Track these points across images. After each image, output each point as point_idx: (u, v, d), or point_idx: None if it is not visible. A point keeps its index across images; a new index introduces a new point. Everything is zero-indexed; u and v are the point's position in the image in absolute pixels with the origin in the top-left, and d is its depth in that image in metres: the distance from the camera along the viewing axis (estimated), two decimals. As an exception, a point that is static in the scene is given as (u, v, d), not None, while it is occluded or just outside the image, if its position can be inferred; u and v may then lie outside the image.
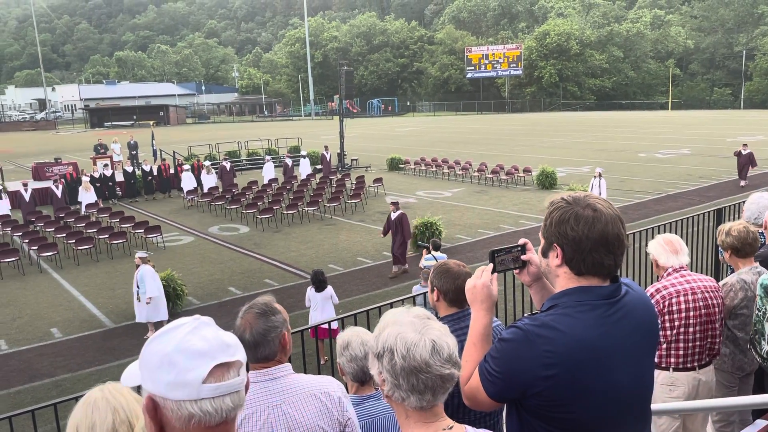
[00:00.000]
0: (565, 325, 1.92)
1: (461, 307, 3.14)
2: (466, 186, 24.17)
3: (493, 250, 2.20)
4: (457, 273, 3.09)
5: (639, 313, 2.03)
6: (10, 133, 68.62)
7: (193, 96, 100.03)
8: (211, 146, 33.71)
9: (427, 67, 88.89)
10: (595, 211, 1.94)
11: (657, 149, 32.38)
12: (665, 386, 3.85)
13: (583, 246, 1.94)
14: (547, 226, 2.02)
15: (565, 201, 2.01)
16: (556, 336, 1.90)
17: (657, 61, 79.39)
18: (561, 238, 1.97)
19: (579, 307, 1.95)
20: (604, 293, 1.97)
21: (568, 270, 1.99)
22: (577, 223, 1.94)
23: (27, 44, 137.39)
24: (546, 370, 1.87)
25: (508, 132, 47.90)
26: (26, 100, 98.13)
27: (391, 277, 13.28)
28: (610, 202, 2.02)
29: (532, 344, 1.90)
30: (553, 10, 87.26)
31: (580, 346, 1.90)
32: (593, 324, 1.93)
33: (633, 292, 2.06)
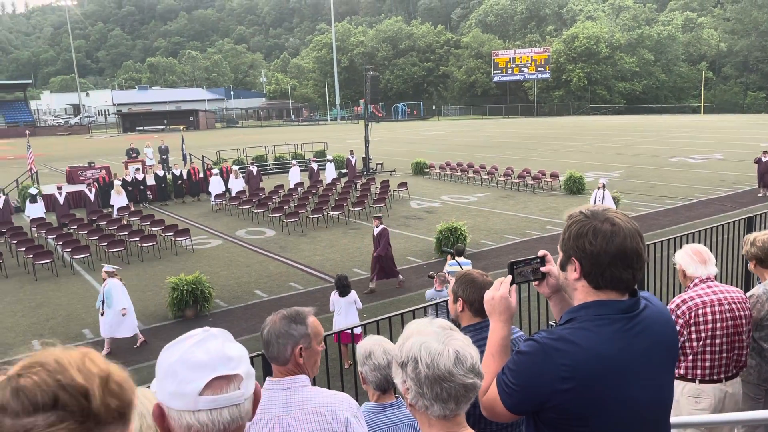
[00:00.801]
0: (582, 338, 1.92)
1: (484, 317, 3.16)
2: (492, 191, 24.05)
3: (512, 262, 2.21)
4: (483, 283, 3.11)
5: (658, 327, 2.02)
6: (45, 137, 70.30)
7: (222, 101, 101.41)
8: (239, 150, 34.12)
9: (453, 71, 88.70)
10: (614, 225, 1.94)
11: (689, 154, 31.82)
12: (691, 398, 3.80)
13: (601, 260, 1.94)
14: (565, 240, 2.02)
15: (583, 214, 2.01)
16: (574, 350, 1.90)
17: (689, 64, 78.06)
18: (579, 252, 1.98)
19: (597, 321, 1.95)
20: (622, 307, 1.97)
21: (586, 284, 2.00)
22: (595, 237, 1.94)
23: (62, 50, 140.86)
24: (563, 383, 1.88)
25: (535, 136, 47.53)
26: (61, 105, 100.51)
27: (365, 293, 12.33)
28: (628, 216, 2.02)
29: (549, 358, 1.90)
30: (582, 13, 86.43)
31: (597, 360, 1.89)
32: (611, 338, 1.93)
33: (652, 306, 2.06)
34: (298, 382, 2.31)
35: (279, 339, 2.32)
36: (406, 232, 17.84)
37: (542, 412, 1.94)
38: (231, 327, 9.59)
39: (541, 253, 2.26)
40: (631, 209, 18.84)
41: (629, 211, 18.43)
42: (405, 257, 15.14)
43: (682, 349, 3.80)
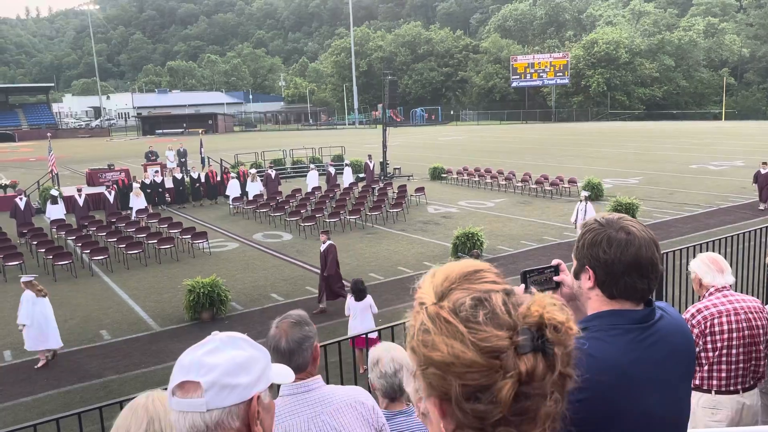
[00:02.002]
0: (595, 349, 1.86)
1: None
2: (510, 196, 23.95)
3: (525, 271, 2.20)
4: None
5: (674, 338, 1.98)
6: (66, 139, 71.31)
7: (241, 105, 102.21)
8: (257, 154, 34.34)
9: (472, 75, 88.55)
10: (629, 234, 1.92)
11: (709, 161, 31.44)
12: (707, 409, 3.74)
13: (616, 269, 1.91)
14: (580, 248, 2.00)
15: (598, 223, 1.99)
16: (586, 360, 1.88)
17: (710, 69, 77.18)
18: (593, 261, 1.95)
19: (611, 331, 1.92)
20: (637, 317, 1.94)
21: (600, 293, 1.97)
22: (609, 245, 1.91)
23: (84, 54, 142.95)
24: (576, 394, 1.85)
25: (553, 142, 47.26)
26: (82, 107, 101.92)
27: (315, 313, 11.72)
28: (643, 225, 2.00)
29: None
30: (602, 19, 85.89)
31: (611, 371, 1.85)
32: (625, 349, 1.89)
33: (668, 317, 2.02)
34: (318, 382, 2.37)
35: (302, 345, 2.34)
36: (423, 237, 17.82)
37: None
38: (246, 330, 9.65)
39: (555, 262, 2.23)
40: (650, 216, 18.66)
41: (648, 218, 18.27)
42: (421, 262, 15.13)
43: (697, 359, 3.75)
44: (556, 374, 1.01)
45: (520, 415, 0.97)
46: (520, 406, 0.97)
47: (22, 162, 45.29)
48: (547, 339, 1.00)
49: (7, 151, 57.14)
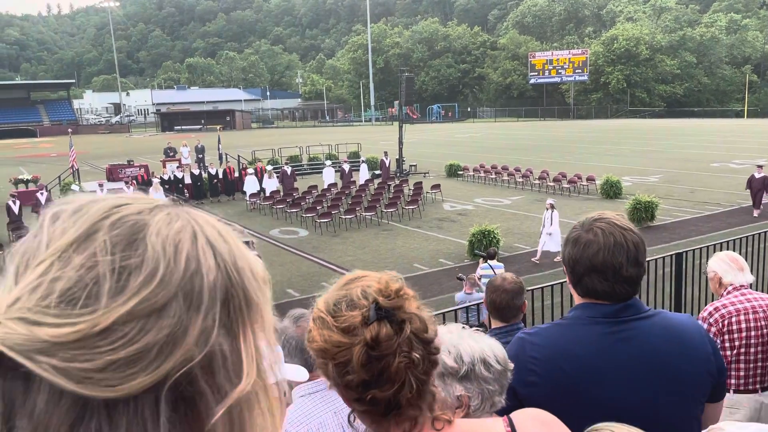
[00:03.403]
0: (558, 336, 2.00)
1: (505, 320, 3.27)
2: (527, 194, 23.80)
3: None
4: (503, 287, 3.24)
5: (655, 340, 1.96)
6: (87, 135, 72.18)
7: (259, 101, 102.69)
8: (274, 151, 34.49)
9: (489, 72, 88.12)
10: (595, 236, 1.95)
11: (731, 159, 31.00)
12: (725, 408, 3.69)
13: (576, 269, 1.98)
14: (563, 249, 2.09)
15: (579, 222, 2.05)
16: (545, 344, 1.98)
17: (732, 66, 76.05)
18: (564, 259, 2.05)
19: (578, 321, 2.00)
20: (607, 311, 1.97)
21: (573, 290, 2.06)
22: (574, 246, 1.99)
23: (104, 51, 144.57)
24: (528, 375, 1.93)
25: (571, 139, 46.89)
26: (102, 104, 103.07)
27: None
28: (624, 226, 1.98)
29: (522, 349, 1.99)
30: (622, 15, 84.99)
31: (568, 359, 1.93)
32: (588, 339, 1.95)
33: (656, 320, 2.00)
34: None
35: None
36: (439, 235, 17.79)
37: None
38: (262, 325, 9.68)
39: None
40: (670, 215, 18.44)
41: (668, 217, 18.06)
42: (437, 259, 15.10)
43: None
44: (405, 335, 1.17)
45: (377, 377, 1.16)
46: (374, 368, 1.15)
47: (43, 157, 45.93)
48: (381, 307, 1.18)
49: (29, 147, 57.99)
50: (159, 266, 0.58)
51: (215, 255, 0.63)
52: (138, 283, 0.57)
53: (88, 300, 0.55)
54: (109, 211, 0.62)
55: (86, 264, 0.57)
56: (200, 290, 0.60)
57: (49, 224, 0.62)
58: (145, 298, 0.56)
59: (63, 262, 0.57)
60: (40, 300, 0.55)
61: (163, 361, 0.56)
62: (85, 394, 0.53)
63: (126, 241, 0.59)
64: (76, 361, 0.53)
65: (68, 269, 0.57)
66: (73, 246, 0.58)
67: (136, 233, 0.60)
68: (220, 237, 0.66)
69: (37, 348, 0.53)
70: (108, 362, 0.54)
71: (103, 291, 0.56)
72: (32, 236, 0.62)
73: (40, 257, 0.58)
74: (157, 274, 0.58)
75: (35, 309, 0.55)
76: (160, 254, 0.59)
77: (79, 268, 0.57)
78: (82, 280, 0.56)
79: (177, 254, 0.60)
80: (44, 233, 0.61)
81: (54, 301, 0.55)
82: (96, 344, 0.54)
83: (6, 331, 0.54)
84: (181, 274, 0.59)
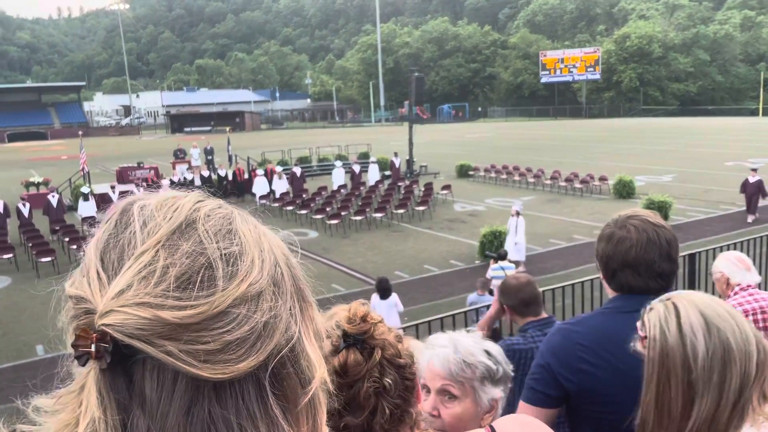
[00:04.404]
0: (600, 323, 2.04)
1: (536, 314, 3.33)
2: (538, 194, 23.54)
3: None
4: (516, 286, 3.34)
5: None
6: (97, 137, 72.58)
7: (268, 102, 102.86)
8: (284, 152, 34.41)
9: (500, 71, 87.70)
10: (628, 233, 2.01)
11: (746, 158, 30.53)
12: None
13: (610, 266, 2.04)
14: (597, 245, 2.14)
15: (613, 219, 2.11)
16: (590, 332, 2.01)
17: (747, 64, 75.15)
18: (597, 255, 2.11)
19: (618, 309, 2.04)
20: (643, 302, 1.98)
21: (607, 285, 2.12)
22: (607, 242, 2.05)
23: (114, 53, 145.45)
24: (580, 362, 1.96)
25: (584, 138, 46.50)
26: (113, 106, 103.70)
27: None
28: (657, 223, 2.05)
29: (567, 339, 2.01)
30: (634, 12, 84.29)
31: (611, 344, 1.95)
32: (630, 326, 1.96)
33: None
34: None
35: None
36: (450, 236, 17.59)
37: (572, 399, 1.98)
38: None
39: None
40: (684, 215, 18.14)
41: (682, 217, 17.76)
42: (448, 261, 14.90)
43: None
44: (375, 361, 1.19)
45: (348, 403, 1.17)
46: (347, 396, 1.17)
47: (54, 160, 46.15)
48: (349, 334, 1.20)
49: (40, 149, 58.35)
50: (255, 254, 0.62)
51: (277, 249, 0.69)
52: (246, 267, 0.60)
53: (204, 283, 0.57)
54: (196, 204, 0.65)
55: (196, 250, 0.59)
56: (282, 278, 0.65)
57: (138, 216, 0.63)
58: (252, 282, 0.60)
59: (170, 249, 0.59)
60: (155, 285, 0.56)
61: (267, 341, 0.59)
62: (204, 376, 0.55)
63: (224, 230, 0.62)
64: (199, 342, 0.55)
65: (178, 255, 0.58)
66: (176, 234, 0.60)
67: (228, 224, 0.64)
68: (274, 236, 0.72)
69: (158, 332, 0.54)
70: (226, 342, 0.56)
71: (218, 275, 0.58)
72: (115, 228, 0.63)
73: (140, 248, 0.59)
74: (256, 261, 0.62)
75: (154, 293, 0.56)
76: (252, 243, 0.63)
77: (189, 254, 0.59)
78: (195, 264, 0.58)
79: (261, 245, 0.65)
80: (135, 224, 0.62)
81: (172, 286, 0.56)
82: (214, 326, 0.56)
83: (125, 318, 0.54)
84: (269, 262, 0.64)
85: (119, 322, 0.54)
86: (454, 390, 1.71)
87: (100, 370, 0.56)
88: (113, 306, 0.56)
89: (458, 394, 1.71)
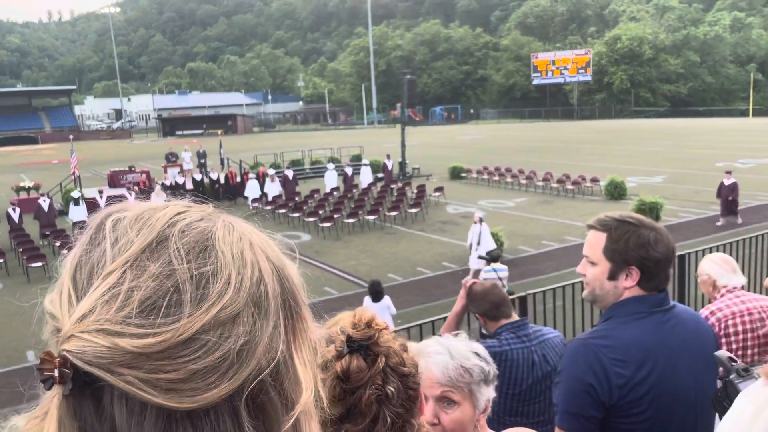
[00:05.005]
0: (625, 333, 2.01)
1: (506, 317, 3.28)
2: (530, 196, 23.61)
3: None
4: (482, 293, 3.33)
5: (692, 325, 2.12)
6: (89, 141, 72.21)
7: (260, 105, 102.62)
8: (276, 155, 34.35)
9: (492, 74, 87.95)
10: (659, 230, 2.08)
11: (736, 158, 30.73)
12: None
13: (661, 265, 2.05)
14: (622, 250, 2.04)
15: (629, 224, 2.07)
16: (619, 344, 1.99)
17: (737, 65, 75.69)
18: (643, 260, 2.03)
19: (636, 315, 2.04)
20: (656, 301, 2.06)
21: (637, 288, 2.06)
22: (656, 243, 2.03)
23: (105, 56, 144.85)
24: (618, 379, 1.94)
25: (575, 140, 46.67)
26: (104, 110, 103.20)
27: None
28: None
29: (601, 355, 1.97)
30: (625, 14, 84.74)
31: (644, 351, 1.96)
32: (652, 330, 2.01)
33: (681, 306, 2.18)
34: None
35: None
36: (443, 238, 17.60)
37: (611, 417, 1.96)
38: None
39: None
40: (676, 215, 18.23)
41: (673, 218, 17.85)
42: (440, 263, 14.91)
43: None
44: (378, 368, 1.17)
45: (350, 410, 1.16)
46: (347, 402, 1.16)
47: (45, 164, 45.90)
48: (353, 339, 1.20)
49: (31, 154, 58.02)
50: (232, 273, 0.58)
51: (268, 261, 0.63)
52: (217, 290, 0.56)
53: (170, 308, 0.54)
54: (174, 218, 0.61)
55: (163, 272, 0.55)
56: (266, 296, 0.60)
57: (110, 231, 0.60)
58: (224, 306, 0.56)
59: (137, 270, 0.55)
60: (118, 310, 0.53)
61: (241, 368, 0.55)
62: (169, 406, 0.52)
63: (198, 248, 0.58)
64: (162, 371, 0.52)
65: (145, 278, 0.55)
66: (146, 253, 0.57)
67: (205, 240, 0.59)
68: (267, 244, 0.67)
69: (119, 360, 0.51)
70: (192, 371, 0.53)
71: (185, 299, 0.55)
72: (89, 244, 0.61)
73: (108, 267, 0.57)
74: (232, 281, 0.57)
75: (115, 320, 0.53)
76: (230, 262, 0.58)
77: (156, 276, 0.55)
78: (161, 288, 0.55)
79: (244, 261, 0.59)
80: (107, 241, 0.59)
81: (135, 311, 0.53)
82: (178, 354, 0.53)
83: (83, 345, 0.52)
84: (250, 281, 0.59)
85: (78, 349, 0.52)
86: (454, 396, 1.71)
87: (63, 396, 0.53)
88: (74, 331, 0.53)
89: (458, 399, 1.71)
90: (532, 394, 2.83)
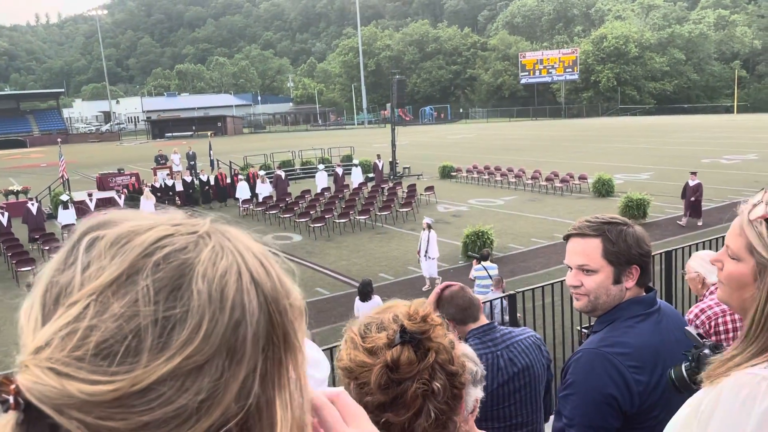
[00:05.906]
0: (633, 337, 1.98)
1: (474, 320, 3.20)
2: (520, 194, 23.79)
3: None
4: (450, 295, 3.24)
5: (674, 318, 2.15)
6: (77, 144, 71.78)
7: (250, 106, 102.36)
8: (267, 156, 34.37)
9: (480, 73, 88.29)
10: (634, 228, 2.08)
11: (722, 154, 31.10)
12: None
13: (647, 262, 2.07)
14: (624, 251, 1.98)
15: (620, 224, 2.04)
16: (630, 350, 1.96)
17: (721, 62, 76.45)
18: (642, 258, 2.02)
19: (636, 318, 2.02)
20: (650, 301, 2.07)
21: (635, 288, 2.04)
22: (644, 238, 2.05)
23: (93, 59, 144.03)
24: (636, 386, 1.92)
25: (563, 138, 46.98)
26: (92, 112, 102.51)
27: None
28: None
29: (615, 363, 1.93)
30: (611, 13, 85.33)
31: (654, 353, 1.96)
32: (650, 331, 2.01)
33: (662, 303, 2.18)
34: None
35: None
36: (432, 237, 17.71)
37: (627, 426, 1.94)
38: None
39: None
40: (662, 212, 18.46)
41: (660, 214, 18.09)
42: (431, 262, 15.02)
43: None
44: (428, 363, 1.17)
45: (393, 400, 1.15)
46: (391, 391, 1.15)
47: (33, 168, 45.64)
48: (407, 330, 1.18)
49: (19, 157, 57.62)
50: (204, 318, 0.53)
51: (258, 295, 0.59)
52: (182, 339, 0.52)
53: (127, 356, 0.51)
54: (152, 246, 0.56)
55: (126, 313, 0.52)
56: (243, 341, 0.55)
57: (84, 253, 0.56)
58: (189, 356, 0.52)
59: (100, 306, 0.52)
60: (72, 350, 0.50)
61: (200, 420, 0.52)
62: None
63: (170, 287, 0.54)
64: (111, 419, 0.49)
65: (106, 317, 0.52)
66: (112, 288, 0.53)
67: (180, 277, 0.55)
68: (263, 270, 0.62)
69: (68, 403, 0.49)
70: (142, 423, 0.50)
71: (143, 347, 0.51)
72: (63, 262, 0.58)
73: (74, 296, 0.53)
74: (202, 328, 0.53)
75: (67, 360, 0.50)
76: (205, 304, 0.54)
77: (118, 317, 0.52)
78: (120, 332, 0.51)
79: (223, 302, 0.55)
80: (78, 264, 0.55)
81: (89, 354, 0.50)
82: (132, 403, 0.50)
83: (34, 380, 0.50)
84: (225, 325, 0.54)
85: (29, 383, 0.50)
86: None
87: (17, 424, 0.51)
88: (29, 362, 0.51)
89: None
90: (499, 398, 2.80)
